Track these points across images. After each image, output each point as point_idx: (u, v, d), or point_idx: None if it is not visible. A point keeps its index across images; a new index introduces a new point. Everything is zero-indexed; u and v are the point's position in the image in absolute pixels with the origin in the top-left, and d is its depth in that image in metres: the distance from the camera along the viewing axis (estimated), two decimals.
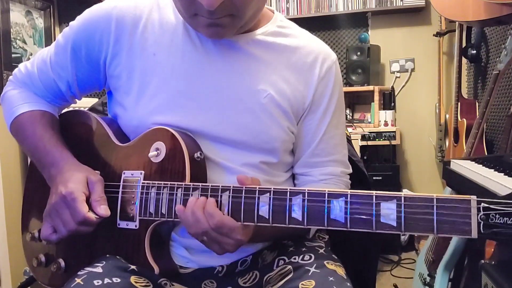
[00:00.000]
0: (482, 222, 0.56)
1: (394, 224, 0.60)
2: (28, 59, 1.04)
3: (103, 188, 0.79)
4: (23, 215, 0.97)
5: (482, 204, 0.56)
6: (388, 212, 0.61)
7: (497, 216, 0.55)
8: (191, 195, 0.73)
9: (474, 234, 0.56)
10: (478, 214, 0.56)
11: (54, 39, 0.92)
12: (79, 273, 0.75)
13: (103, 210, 0.77)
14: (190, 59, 0.81)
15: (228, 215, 0.70)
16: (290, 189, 0.67)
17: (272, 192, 0.68)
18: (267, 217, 0.68)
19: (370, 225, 0.62)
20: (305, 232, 0.90)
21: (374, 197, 0.62)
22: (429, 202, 0.59)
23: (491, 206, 0.56)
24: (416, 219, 0.59)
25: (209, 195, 0.72)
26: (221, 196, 0.71)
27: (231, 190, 0.70)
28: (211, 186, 0.72)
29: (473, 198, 0.57)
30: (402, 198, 0.60)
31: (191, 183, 0.74)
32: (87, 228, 0.76)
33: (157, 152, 0.78)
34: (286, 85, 0.84)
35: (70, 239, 0.79)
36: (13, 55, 2.38)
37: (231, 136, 0.81)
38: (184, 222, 0.72)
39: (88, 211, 0.75)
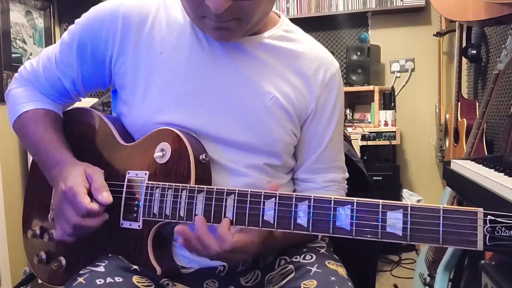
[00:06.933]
0: (488, 235, 0.56)
1: (400, 233, 0.61)
2: (28, 59, 1.04)
3: (102, 176, 0.78)
4: (24, 212, 0.97)
5: (489, 216, 0.57)
6: (394, 221, 0.61)
7: (503, 229, 0.56)
8: (196, 198, 0.73)
9: (480, 246, 0.57)
10: (484, 227, 0.57)
11: (54, 39, 0.92)
12: (81, 272, 0.75)
13: (105, 197, 0.75)
14: (196, 60, 0.82)
15: (233, 219, 0.70)
16: (296, 195, 0.68)
17: (277, 197, 0.68)
18: (272, 222, 0.68)
19: (376, 234, 0.62)
20: (314, 237, 0.90)
21: (380, 205, 0.62)
22: (436, 212, 0.59)
23: (498, 219, 0.56)
24: (422, 230, 0.60)
25: (214, 199, 0.72)
26: (226, 199, 0.71)
27: (236, 193, 0.70)
28: (216, 189, 0.72)
29: (480, 210, 0.57)
30: (409, 207, 0.61)
31: (196, 186, 0.74)
32: (94, 222, 0.75)
33: (162, 153, 0.78)
34: (291, 89, 0.84)
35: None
36: (13, 55, 2.37)
37: (235, 138, 0.82)
38: (191, 250, 0.73)
39: (91, 202, 0.74)
